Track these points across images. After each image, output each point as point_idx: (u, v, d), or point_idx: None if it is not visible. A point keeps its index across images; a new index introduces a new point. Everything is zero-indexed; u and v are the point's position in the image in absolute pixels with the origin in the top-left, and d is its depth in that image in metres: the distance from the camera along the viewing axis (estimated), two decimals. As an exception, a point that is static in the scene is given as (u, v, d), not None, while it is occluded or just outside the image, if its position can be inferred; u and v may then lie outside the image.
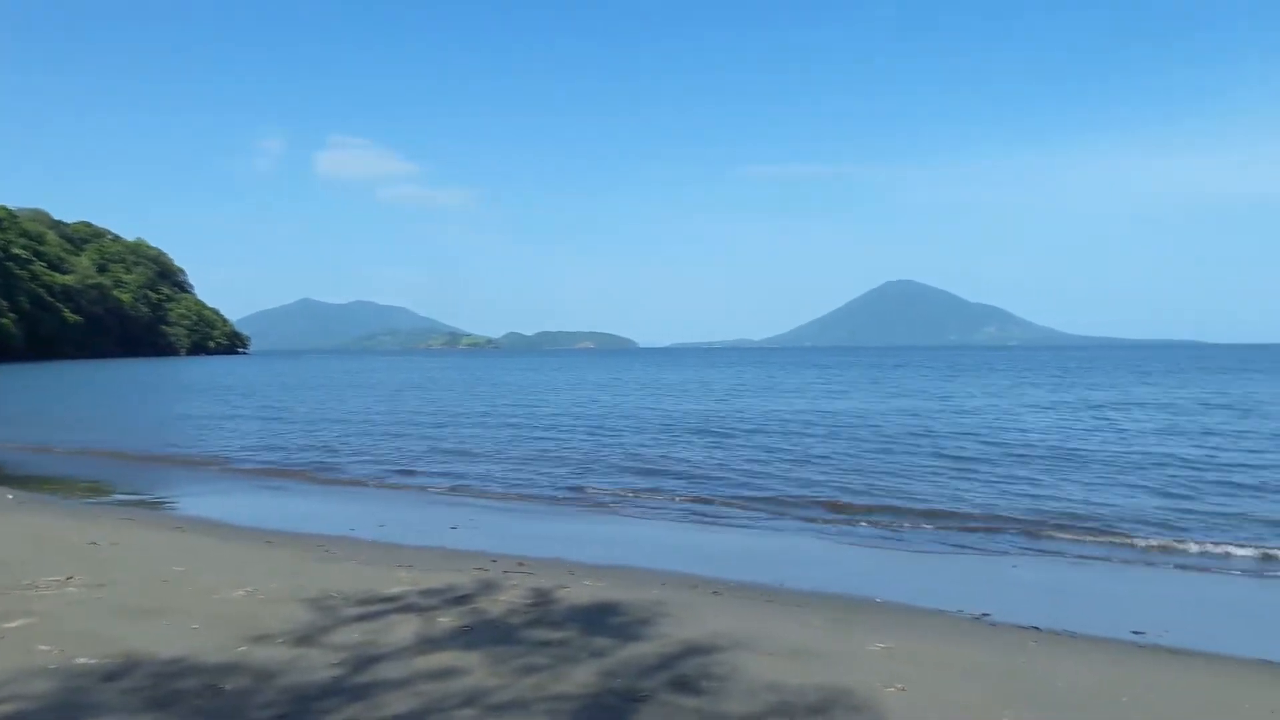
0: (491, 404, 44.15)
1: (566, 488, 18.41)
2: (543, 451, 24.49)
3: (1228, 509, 15.21)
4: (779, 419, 33.72)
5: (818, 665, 6.86)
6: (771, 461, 21.83)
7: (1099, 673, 7.17)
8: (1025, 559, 12.28)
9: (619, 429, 30.51)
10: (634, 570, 11.03)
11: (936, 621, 9.00)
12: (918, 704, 6.07)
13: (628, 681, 6.27)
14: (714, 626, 7.87)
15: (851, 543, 13.40)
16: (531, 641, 7.22)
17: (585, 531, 14.23)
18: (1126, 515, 14.73)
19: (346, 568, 10.35)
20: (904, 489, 17.58)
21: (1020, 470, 19.83)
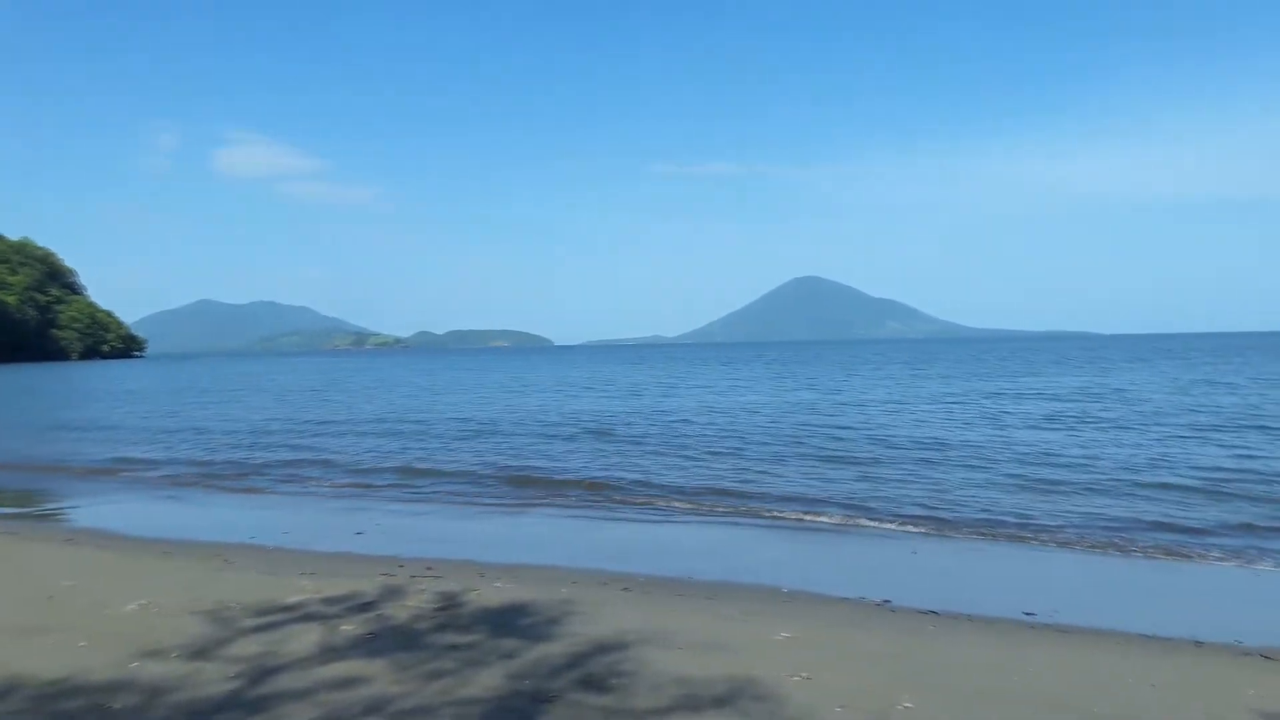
0: (390, 406, 43.44)
1: (472, 488, 18.28)
2: (441, 453, 24.23)
3: (1094, 497, 15.95)
4: (676, 414, 34.11)
5: (725, 657, 6.95)
6: (672, 456, 22.06)
7: (993, 654, 7.43)
8: (927, 545, 12.64)
9: (520, 427, 30.40)
10: (545, 569, 10.99)
11: (840, 609, 9.20)
12: (820, 691, 6.20)
13: (536, 682, 6.26)
14: (623, 623, 7.90)
15: (757, 534, 13.60)
16: (438, 646, 7.13)
17: (496, 532, 14.12)
18: (1003, 503, 15.34)
19: (246, 577, 10.07)
20: (802, 482, 17.96)
21: (918, 464, 20.47)
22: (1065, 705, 6.11)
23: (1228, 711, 6.00)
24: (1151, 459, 19.47)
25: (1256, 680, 6.74)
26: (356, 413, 38.95)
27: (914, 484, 17.16)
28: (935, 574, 11.17)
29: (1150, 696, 6.32)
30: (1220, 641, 8.04)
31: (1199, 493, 15.47)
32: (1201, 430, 24.75)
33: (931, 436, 24.71)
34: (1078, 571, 11.13)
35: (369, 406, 42.97)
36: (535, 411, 37.11)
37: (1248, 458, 19.31)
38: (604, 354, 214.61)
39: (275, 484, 19.76)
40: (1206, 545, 12.00)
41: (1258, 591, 10.11)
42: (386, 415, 37.04)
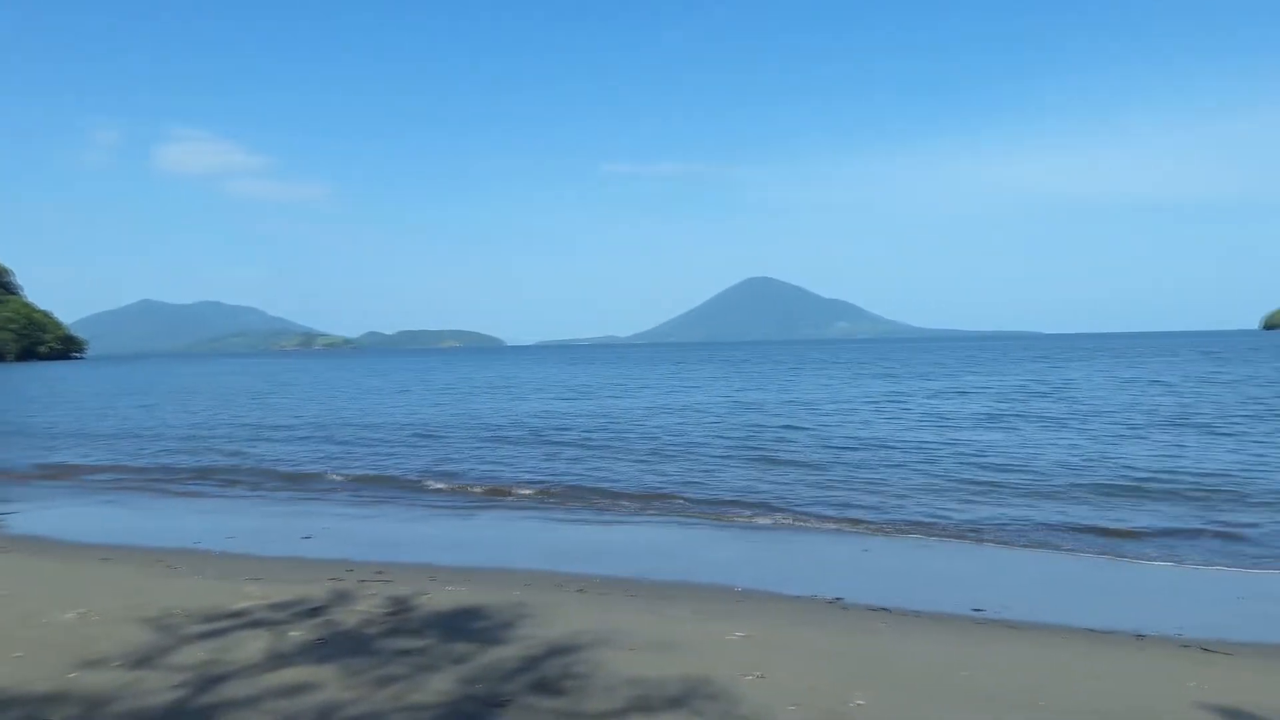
0: (335, 408, 42.91)
1: (418, 492, 18.12)
2: (388, 457, 23.99)
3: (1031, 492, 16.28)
4: (624, 415, 34.18)
5: (678, 657, 6.94)
6: (620, 457, 22.10)
7: (943, 650, 7.52)
8: (876, 543, 12.79)
9: (467, 429, 30.20)
10: (497, 571, 10.91)
11: (793, 607, 9.25)
12: (774, 690, 6.22)
13: (488, 687, 6.19)
14: (577, 625, 7.86)
15: (709, 534, 13.65)
16: (389, 651, 7.03)
17: (448, 534, 13.99)
18: (948, 502, 15.59)
19: (190, 583, 9.85)
20: (751, 483, 18.08)
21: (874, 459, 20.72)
22: (1014, 700, 6.19)
23: (1170, 702, 6.13)
24: (1089, 458, 19.91)
25: (1197, 672, 6.90)
26: (301, 415, 38.40)
27: (861, 484, 17.36)
28: (886, 572, 11.29)
29: (1095, 689, 6.44)
30: (1161, 634, 8.23)
31: (1134, 491, 15.84)
32: (1136, 428, 25.41)
33: (876, 436, 25.03)
34: (1023, 569, 11.32)
35: (314, 409, 42.39)
36: (483, 413, 36.92)
37: (1179, 456, 19.80)
38: (556, 354, 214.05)
39: (219, 487, 19.42)
40: (1143, 543, 12.28)
41: (1193, 587, 10.36)
42: (332, 418, 36.58)
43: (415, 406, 42.62)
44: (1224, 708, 5.96)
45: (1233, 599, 9.78)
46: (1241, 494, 15.28)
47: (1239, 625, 8.60)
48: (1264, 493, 15.29)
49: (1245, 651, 7.61)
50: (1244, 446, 20.97)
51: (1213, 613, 9.19)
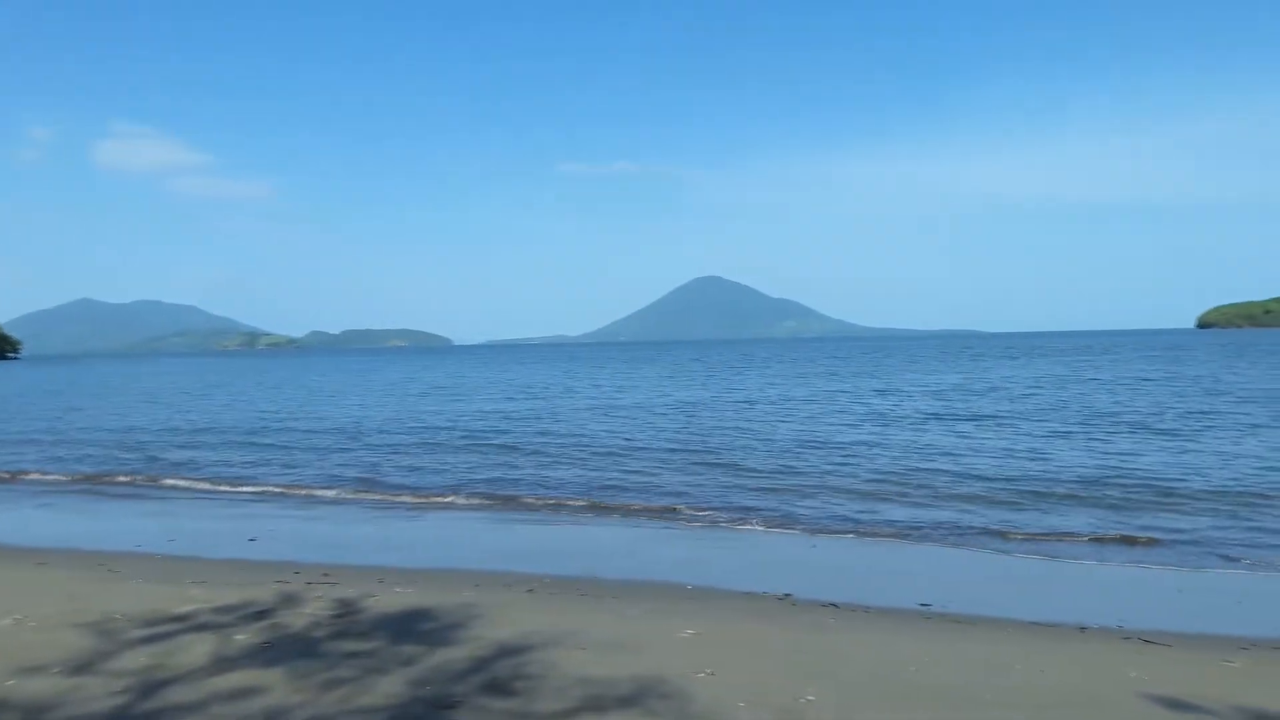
0: (279, 408, 42.29)
1: (367, 493, 17.93)
2: (334, 458, 23.71)
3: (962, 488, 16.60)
4: (569, 415, 34.22)
5: (630, 656, 6.95)
6: (565, 457, 22.11)
7: (891, 645, 7.62)
8: (824, 540, 12.92)
9: (410, 429, 29.94)
10: (446, 572, 10.83)
11: (743, 604, 9.31)
12: (725, 687, 6.25)
13: (438, 688, 6.15)
14: (527, 625, 7.83)
15: (657, 534, 13.67)
16: (336, 654, 6.95)
17: (394, 536, 13.83)
18: (890, 500, 15.83)
19: (132, 587, 9.63)
20: (695, 482, 18.18)
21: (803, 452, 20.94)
22: (960, 693, 6.30)
23: (1113, 693, 6.28)
24: (1021, 455, 20.28)
25: (1138, 662, 7.08)
26: (245, 415, 37.75)
27: (804, 483, 17.49)
28: (834, 569, 11.41)
29: (1040, 681, 6.57)
30: (1103, 626, 8.43)
31: (1069, 489, 16.07)
32: (1068, 425, 26.02)
33: (817, 436, 25.23)
34: (966, 566, 11.49)
35: (258, 409, 41.71)
36: (423, 415, 36.61)
37: (1110, 454, 20.22)
38: (504, 354, 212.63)
39: (160, 489, 19.00)
40: (1080, 539, 12.54)
41: (1132, 582, 10.59)
42: (274, 419, 36.00)
43: (353, 408, 42.09)
44: (1164, 697, 6.12)
45: (1172, 591, 10.04)
46: (1170, 493, 15.68)
47: (1177, 617, 8.84)
48: (1196, 492, 15.69)
49: (1183, 642, 7.82)
50: (1171, 445, 21.42)
51: (1152, 606, 9.43)
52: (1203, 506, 14.33)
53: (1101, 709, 5.96)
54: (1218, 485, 15.93)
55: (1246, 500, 14.63)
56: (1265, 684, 6.50)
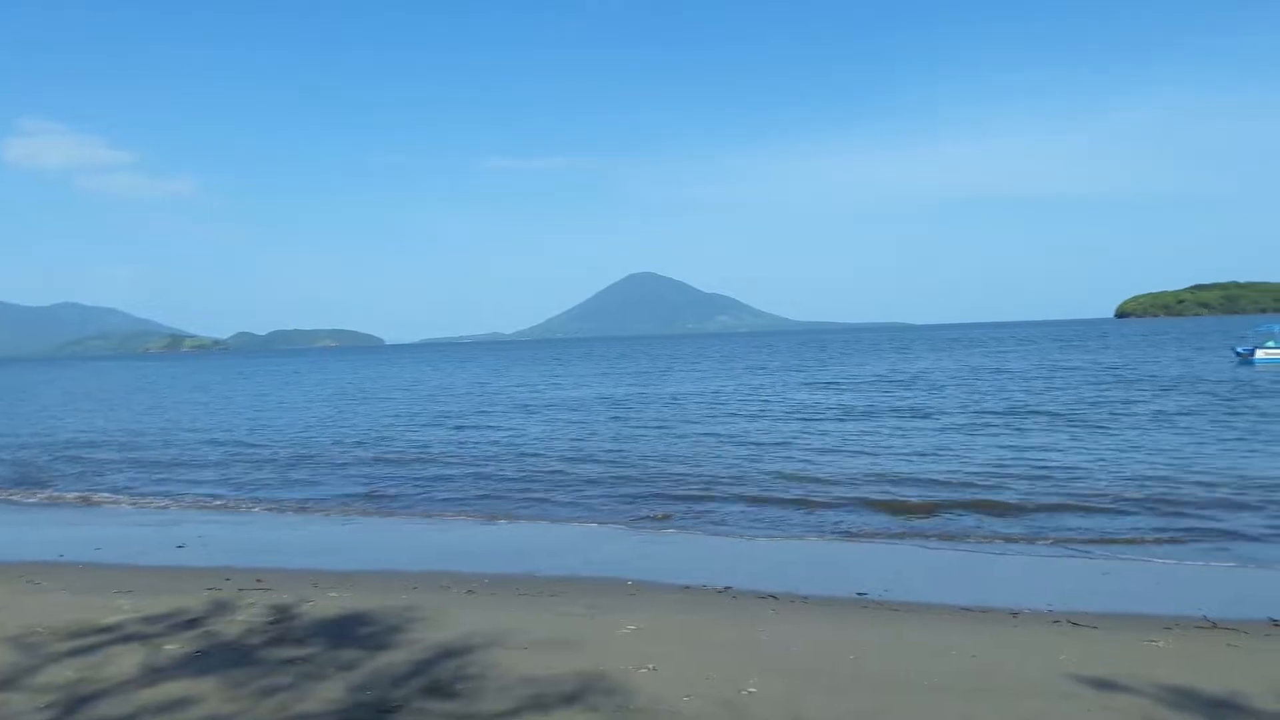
0: (203, 413, 41.33)
1: (292, 495, 17.60)
2: (247, 458, 23.24)
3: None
4: (493, 415, 34.07)
5: (571, 653, 6.93)
6: (485, 458, 21.97)
7: (830, 634, 7.72)
8: (761, 535, 13.03)
9: (340, 428, 29.53)
10: (383, 574, 10.68)
11: (684, 598, 9.35)
12: (668, 681, 6.27)
13: (378, 693, 6.06)
14: (468, 626, 7.76)
15: (593, 531, 13.66)
16: (272, 661, 6.80)
17: (327, 540, 13.58)
18: (823, 492, 16.06)
19: (55, 598, 9.31)
20: (628, 478, 18.24)
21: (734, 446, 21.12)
22: (897, 680, 6.40)
23: (1044, 675, 6.44)
24: (938, 447, 20.66)
25: (1067, 644, 7.27)
26: (169, 419, 36.78)
27: (738, 476, 17.64)
28: (773, 561, 11.52)
29: (974, 666, 6.71)
30: (1034, 609, 8.65)
31: (994, 478, 16.38)
32: (983, 415, 26.70)
33: (741, 429, 25.44)
34: (901, 557, 11.64)
35: (181, 412, 40.67)
36: (359, 414, 36.10)
37: (1022, 446, 20.51)
38: (436, 352, 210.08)
39: (81, 496, 18.36)
40: (1010, 526, 12.83)
41: (1061, 567, 10.86)
42: (199, 423, 35.15)
43: (279, 408, 41.29)
44: (1092, 678, 6.29)
45: (1097, 575, 10.33)
46: (1085, 479, 16.17)
47: (1103, 600, 9.10)
48: (1114, 479, 16.19)
49: (1109, 624, 8.06)
50: (1083, 435, 21.89)
51: (1079, 590, 9.67)
52: (1120, 493, 14.75)
53: (1034, 691, 6.11)
54: (1131, 472, 16.40)
55: (1161, 485, 15.09)
56: (1187, 662, 6.72)
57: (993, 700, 5.95)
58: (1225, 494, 14.18)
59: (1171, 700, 5.83)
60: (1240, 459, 17.50)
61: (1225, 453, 18.31)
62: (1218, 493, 14.30)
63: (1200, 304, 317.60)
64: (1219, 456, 17.80)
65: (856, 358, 78.09)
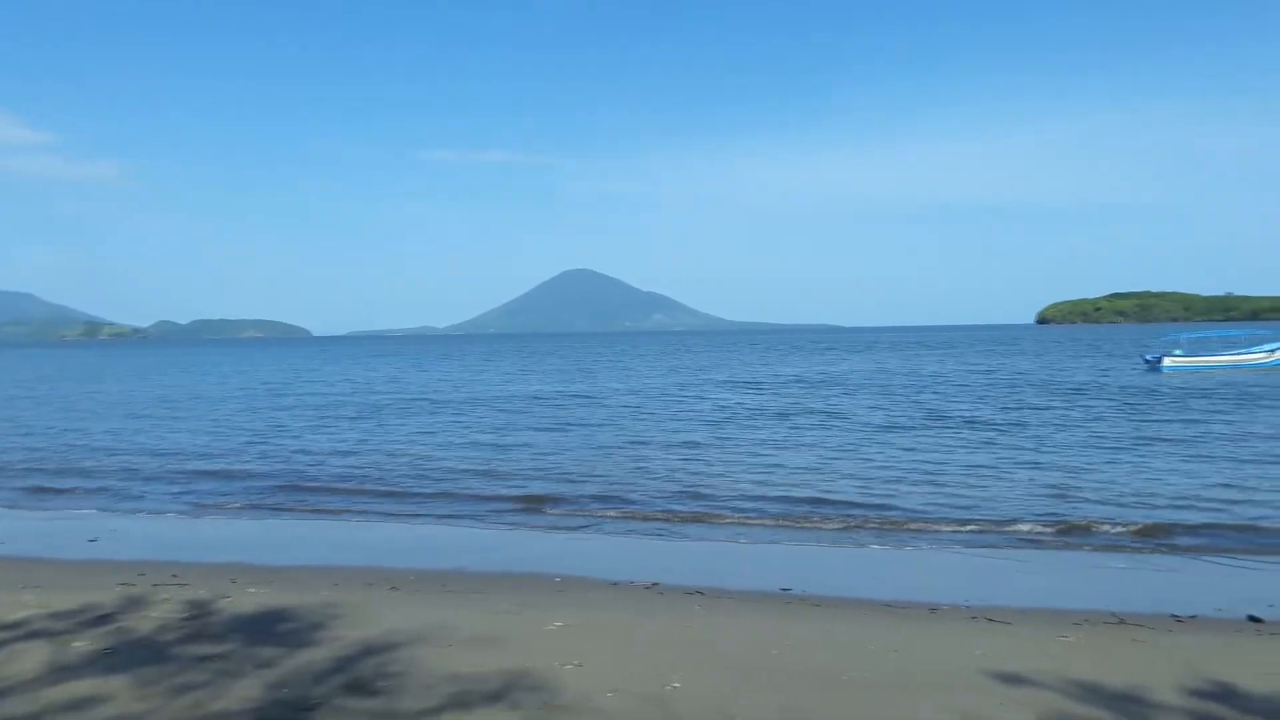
0: (113, 401, 40.09)
1: (210, 489, 17.16)
2: (174, 458, 22.67)
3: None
4: (409, 413, 33.74)
5: (496, 651, 6.89)
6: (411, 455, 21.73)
7: (755, 629, 7.80)
8: (688, 531, 13.11)
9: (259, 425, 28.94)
10: (305, 570, 10.49)
11: (611, 594, 9.37)
12: (593, 678, 6.27)
13: (297, 690, 5.94)
14: (391, 623, 7.66)
15: (522, 530, 13.61)
16: (186, 659, 6.63)
17: (248, 534, 13.31)
18: (744, 490, 16.26)
19: (-45, 595, 8.93)
20: (554, 475, 18.23)
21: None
22: (820, 674, 6.49)
23: (960, 670, 6.58)
24: (844, 447, 20.92)
25: (983, 640, 7.45)
26: (75, 409, 35.60)
27: (663, 474, 17.69)
28: (699, 556, 11.60)
29: (894, 661, 6.84)
30: (952, 604, 8.85)
31: (910, 480, 16.60)
32: (892, 417, 27.25)
33: (662, 430, 25.47)
34: (826, 554, 11.81)
35: (95, 400, 39.40)
36: (283, 410, 35.42)
37: (926, 447, 21.07)
38: (363, 346, 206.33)
39: None
40: (926, 526, 13.09)
41: (979, 564, 11.13)
42: (110, 411, 34.08)
43: (193, 407, 40.27)
44: (1005, 673, 6.45)
45: (1014, 572, 10.61)
46: (999, 479, 16.63)
47: (1018, 596, 9.35)
48: (1016, 482, 16.66)
49: (1022, 619, 8.28)
50: (989, 439, 22.18)
51: (996, 586, 9.93)
52: (1032, 490, 15.18)
53: (950, 686, 6.25)
54: (1034, 475, 16.82)
55: (1064, 488, 15.50)
56: (1095, 657, 6.95)
57: (911, 695, 6.07)
58: (1124, 497, 14.59)
59: (1079, 694, 6.01)
60: (1139, 462, 18.03)
61: (1125, 456, 18.81)
62: (1116, 494, 14.73)
63: (1117, 311, 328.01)
64: (1119, 461, 18.22)
65: (781, 358, 79.34)
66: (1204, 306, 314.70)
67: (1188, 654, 6.99)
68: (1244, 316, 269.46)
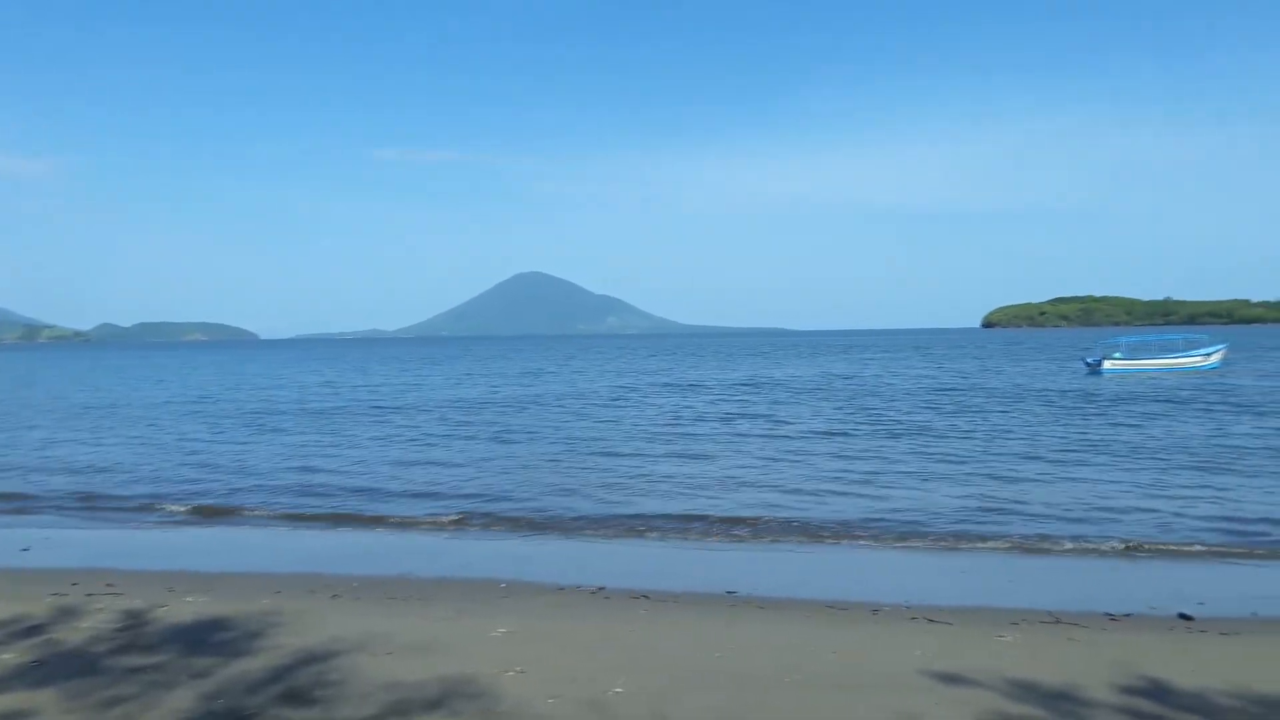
0: (53, 406, 39.14)
1: (152, 496, 16.77)
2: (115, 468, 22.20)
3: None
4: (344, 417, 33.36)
5: (438, 658, 6.83)
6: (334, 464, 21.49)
7: (699, 632, 7.82)
8: (627, 534, 13.08)
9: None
10: (245, 578, 10.31)
11: (556, 599, 9.33)
12: (534, 684, 6.24)
13: (231, 701, 5.84)
14: (331, 631, 7.56)
15: (471, 531, 13.51)
16: (118, 670, 6.48)
17: (187, 542, 13.02)
18: (683, 494, 16.35)
19: (-123, 607, 8.64)
20: (487, 480, 18.13)
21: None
22: (762, 676, 6.53)
23: (899, 671, 6.66)
24: (784, 453, 20.87)
25: (922, 640, 7.55)
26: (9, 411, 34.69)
27: (612, 481, 17.62)
28: (646, 560, 11.59)
29: (836, 662, 6.90)
30: (894, 604, 8.94)
31: (847, 483, 16.72)
32: (830, 422, 27.39)
33: (604, 435, 25.30)
34: (771, 556, 11.84)
35: (31, 407, 38.41)
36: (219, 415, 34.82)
37: (864, 451, 21.12)
38: (309, 349, 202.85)
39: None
40: (868, 529, 13.16)
41: (922, 564, 11.28)
42: (47, 416, 33.25)
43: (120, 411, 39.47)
44: (944, 673, 6.54)
45: (956, 572, 10.76)
46: (931, 478, 16.88)
47: (958, 595, 9.48)
48: (955, 484, 16.94)
49: (962, 618, 8.40)
50: (927, 442, 22.38)
51: (938, 586, 10.04)
52: (969, 493, 15.40)
53: (890, 686, 6.32)
54: (971, 477, 17.12)
55: (1005, 485, 15.85)
56: (1031, 655, 7.07)
57: (851, 695, 6.14)
58: (1059, 499, 14.82)
59: (1015, 693, 6.12)
60: (1073, 465, 18.28)
61: (1059, 459, 19.10)
62: (1051, 497, 14.91)
63: (1060, 316, 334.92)
64: (1053, 463, 18.49)
65: (730, 361, 79.91)
66: (1144, 311, 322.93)
67: (1121, 651, 7.15)
68: (1182, 321, 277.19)
